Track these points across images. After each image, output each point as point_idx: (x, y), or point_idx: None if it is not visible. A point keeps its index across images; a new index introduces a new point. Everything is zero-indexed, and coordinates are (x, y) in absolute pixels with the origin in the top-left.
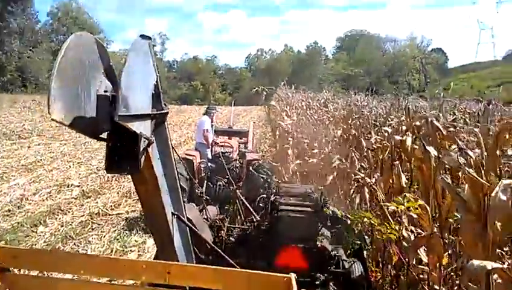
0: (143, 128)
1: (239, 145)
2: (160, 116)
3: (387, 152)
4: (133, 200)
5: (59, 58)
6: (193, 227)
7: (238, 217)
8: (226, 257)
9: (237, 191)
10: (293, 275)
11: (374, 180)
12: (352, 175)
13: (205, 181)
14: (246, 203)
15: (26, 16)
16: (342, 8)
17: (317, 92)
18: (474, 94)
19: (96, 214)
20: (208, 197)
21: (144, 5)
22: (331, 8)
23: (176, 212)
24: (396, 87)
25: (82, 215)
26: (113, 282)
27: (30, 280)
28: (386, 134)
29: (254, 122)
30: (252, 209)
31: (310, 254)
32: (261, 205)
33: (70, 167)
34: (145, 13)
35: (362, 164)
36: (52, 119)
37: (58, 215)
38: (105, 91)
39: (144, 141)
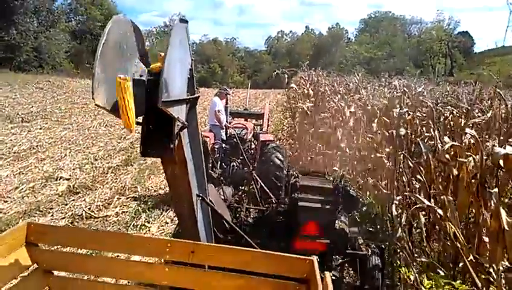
0: (180, 112)
1: (254, 127)
2: (193, 101)
3: (469, 167)
4: (127, 198)
5: (101, 43)
6: (216, 208)
7: (255, 198)
8: (247, 237)
9: (253, 172)
10: (315, 258)
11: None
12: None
13: (219, 162)
14: (262, 184)
15: None
16: None
17: (342, 75)
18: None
19: (79, 216)
20: (221, 178)
21: None
22: None
23: (200, 194)
24: (421, 71)
25: (62, 218)
26: (138, 259)
27: (58, 255)
28: (467, 140)
29: (270, 105)
30: (268, 191)
31: (329, 235)
32: (279, 185)
33: (65, 155)
34: None
35: (417, 176)
36: (96, 105)
37: (34, 217)
38: (140, 76)
39: (178, 125)
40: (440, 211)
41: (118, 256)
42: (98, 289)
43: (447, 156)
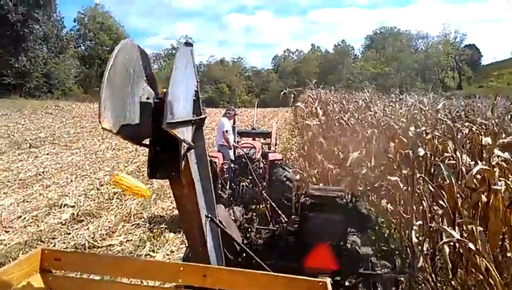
0: (185, 134)
1: (262, 146)
2: (199, 122)
3: (502, 193)
4: (132, 225)
5: (108, 67)
6: (225, 229)
7: (265, 218)
8: (257, 259)
9: (263, 191)
10: (328, 280)
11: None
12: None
13: (228, 182)
14: (273, 204)
15: (51, 22)
16: (369, 6)
17: (350, 92)
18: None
19: (82, 246)
20: (231, 198)
21: (171, 9)
22: (359, 6)
23: (209, 215)
24: (432, 86)
25: (65, 249)
26: (150, 284)
27: (72, 282)
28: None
29: (277, 124)
30: (279, 210)
31: (341, 255)
32: (289, 204)
33: (71, 181)
34: (174, 17)
35: (439, 201)
36: (103, 128)
37: (36, 247)
38: (147, 98)
39: (185, 146)
40: (472, 246)
41: (131, 281)
42: None
43: (475, 180)
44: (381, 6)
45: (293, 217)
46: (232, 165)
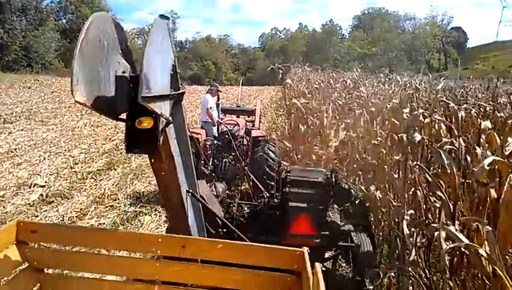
0: (163, 108)
1: (246, 124)
2: (177, 96)
3: None
4: (106, 207)
5: (80, 40)
6: (206, 204)
7: (247, 194)
8: (238, 232)
9: (245, 168)
10: (305, 249)
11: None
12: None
13: (211, 158)
14: (255, 179)
15: None
16: None
17: (337, 71)
18: (496, 74)
19: None
20: (213, 174)
21: None
22: None
23: (190, 190)
24: (424, 66)
25: None
26: (129, 255)
27: (48, 253)
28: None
29: (262, 102)
30: (260, 186)
31: (321, 228)
32: (271, 179)
33: (44, 159)
34: None
35: (437, 192)
36: (76, 101)
37: None
38: (123, 72)
39: (163, 121)
40: (483, 252)
41: (109, 252)
42: (89, 286)
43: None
44: None
45: (273, 192)
46: (215, 141)
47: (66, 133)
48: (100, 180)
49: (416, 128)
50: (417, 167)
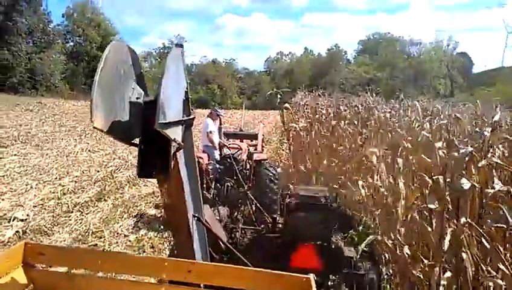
0: (176, 134)
1: (248, 148)
2: (188, 121)
3: None
4: (89, 245)
5: (99, 69)
6: (211, 229)
7: (250, 218)
8: (242, 257)
9: (248, 192)
10: (312, 276)
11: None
12: None
13: (213, 182)
14: (258, 204)
15: (37, 16)
16: (363, 12)
17: (347, 96)
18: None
19: None
20: (216, 198)
21: (166, 9)
22: (352, 12)
23: (196, 215)
24: (422, 92)
25: None
26: (135, 279)
27: (55, 276)
28: None
29: (264, 126)
30: (263, 211)
31: (325, 254)
32: (274, 202)
33: (31, 187)
34: (167, 17)
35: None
36: (94, 127)
37: None
38: (137, 98)
39: (174, 146)
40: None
41: (114, 276)
42: None
43: None
44: (374, 12)
45: (277, 217)
46: (218, 165)
47: (60, 159)
48: (87, 214)
49: (465, 172)
50: (467, 225)
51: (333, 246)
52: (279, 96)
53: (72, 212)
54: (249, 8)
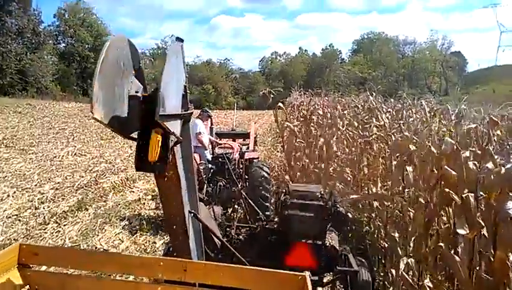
0: (174, 127)
1: (241, 147)
2: (186, 116)
3: None
4: None
5: (100, 61)
6: (207, 225)
7: (243, 216)
8: (238, 255)
9: (241, 190)
10: (307, 274)
11: None
12: None
13: (206, 182)
14: (252, 203)
15: (27, 16)
16: (358, 12)
17: (346, 95)
18: (496, 99)
19: None
20: (209, 198)
21: (161, 11)
22: (347, 12)
23: (192, 211)
24: (417, 90)
25: None
26: (130, 279)
27: (50, 277)
28: None
29: (256, 124)
30: (257, 209)
31: (319, 252)
32: (267, 199)
33: (8, 196)
34: (162, 19)
35: None
36: (93, 118)
37: None
38: (136, 92)
39: (172, 140)
40: None
41: (110, 275)
42: None
43: None
44: (369, 12)
45: (271, 214)
46: (209, 165)
47: (43, 164)
48: (64, 225)
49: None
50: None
51: (327, 244)
52: (271, 96)
53: (48, 223)
54: (244, 8)
